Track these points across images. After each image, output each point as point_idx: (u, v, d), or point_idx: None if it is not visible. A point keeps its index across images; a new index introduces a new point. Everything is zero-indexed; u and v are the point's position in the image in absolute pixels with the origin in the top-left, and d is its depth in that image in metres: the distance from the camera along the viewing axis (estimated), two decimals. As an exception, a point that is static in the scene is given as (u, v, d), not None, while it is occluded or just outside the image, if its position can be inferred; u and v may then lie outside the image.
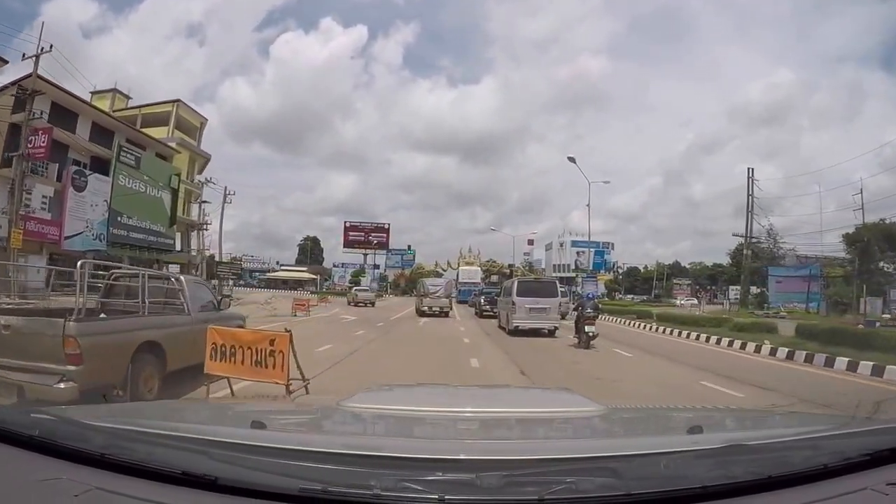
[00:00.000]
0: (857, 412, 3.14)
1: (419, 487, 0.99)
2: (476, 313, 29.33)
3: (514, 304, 17.35)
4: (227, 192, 40.55)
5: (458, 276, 56.48)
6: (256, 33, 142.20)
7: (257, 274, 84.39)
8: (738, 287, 51.04)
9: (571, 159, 31.36)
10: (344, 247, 79.11)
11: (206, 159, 44.93)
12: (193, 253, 43.43)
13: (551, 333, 17.30)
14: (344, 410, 1.82)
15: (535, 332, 17.11)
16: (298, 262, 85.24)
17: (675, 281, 77.16)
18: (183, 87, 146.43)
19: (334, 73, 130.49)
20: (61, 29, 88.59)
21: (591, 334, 13.93)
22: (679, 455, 1.14)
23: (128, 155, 33.65)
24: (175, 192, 37.91)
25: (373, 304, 39.57)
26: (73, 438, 1.21)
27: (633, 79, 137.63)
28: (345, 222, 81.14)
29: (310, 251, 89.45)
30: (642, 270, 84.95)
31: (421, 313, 28.43)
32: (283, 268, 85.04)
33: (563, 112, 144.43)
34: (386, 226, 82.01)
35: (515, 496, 1.00)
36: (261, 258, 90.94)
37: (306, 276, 78.62)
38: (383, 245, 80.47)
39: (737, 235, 47.59)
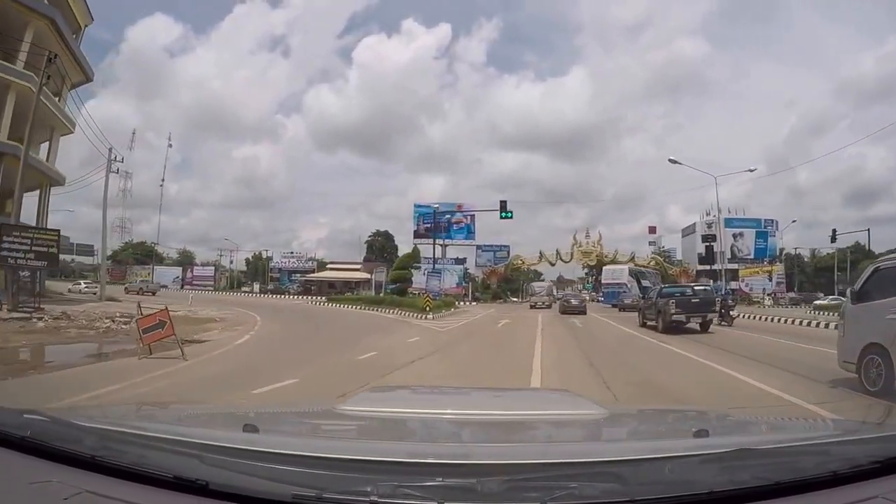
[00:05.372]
0: (868, 418, 2.68)
1: (418, 493, 0.96)
2: (654, 325, 17.30)
3: None
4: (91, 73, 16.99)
5: (602, 274, 53.64)
6: (339, 40, 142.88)
7: (298, 275, 65.14)
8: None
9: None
10: (415, 237, 59.20)
11: (79, 29, 21.46)
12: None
13: None
14: (340, 413, 1.80)
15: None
16: (366, 262, 66.90)
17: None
18: (268, 99, 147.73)
19: (418, 75, 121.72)
20: (146, 50, 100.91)
21: (734, 316, 19.72)
22: (684, 459, 1.11)
23: None
24: None
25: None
26: (64, 440, 1.18)
27: (731, 61, 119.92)
28: (414, 205, 62.58)
29: (380, 249, 70.20)
30: (808, 258, 67.61)
31: (532, 306, 35.44)
32: (330, 266, 63.38)
33: (658, 101, 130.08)
34: (467, 208, 59.23)
35: (517, 502, 0.97)
36: (301, 253, 70.37)
37: (359, 275, 59.82)
38: (463, 227, 59.73)
39: None
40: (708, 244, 42.57)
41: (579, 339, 14.60)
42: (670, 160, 35.05)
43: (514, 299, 63.70)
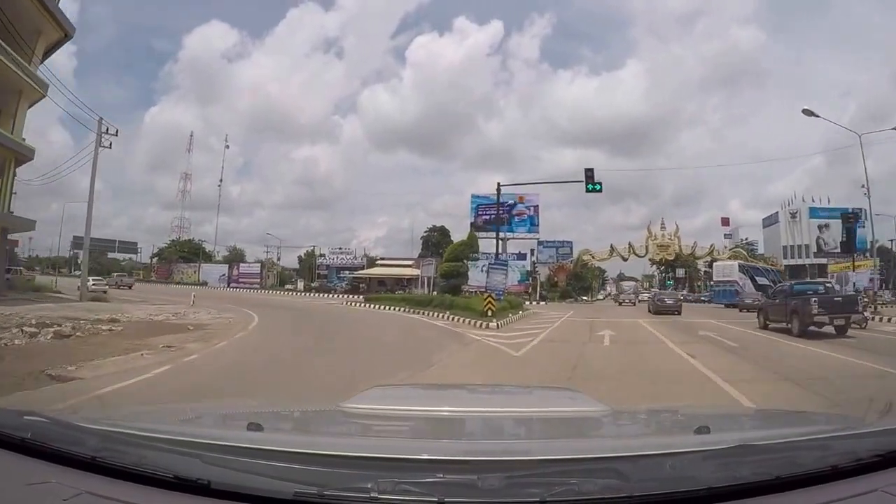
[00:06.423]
0: (869, 412, 2.38)
1: (418, 490, 0.96)
2: (782, 327, 15.41)
3: None
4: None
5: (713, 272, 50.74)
6: (392, 40, 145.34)
7: (347, 272, 60.26)
8: None
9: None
10: (473, 231, 51.86)
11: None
12: None
13: None
14: (343, 411, 1.76)
15: None
16: (421, 258, 61.42)
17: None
18: (325, 101, 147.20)
19: (472, 72, 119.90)
20: (204, 57, 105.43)
21: (866, 317, 16.39)
22: (685, 455, 1.11)
23: None
24: None
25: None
26: (64, 441, 1.16)
27: (786, 49, 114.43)
28: (472, 195, 56.85)
29: (436, 244, 64.58)
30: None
31: (620, 303, 40.65)
32: (380, 262, 59.22)
33: (715, 93, 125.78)
34: (531, 199, 53.62)
35: (517, 498, 0.97)
36: (350, 249, 65.76)
37: (410, 272, 54.30)
38: (525, 219, 53.63)
39: None
40: (849, 226, 33.03)
41: (781, 373, 7.70)
42: (804, 111, 26.62)
43: (585, 298, 57.12)
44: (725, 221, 66.04)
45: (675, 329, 16.32)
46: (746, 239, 67.22)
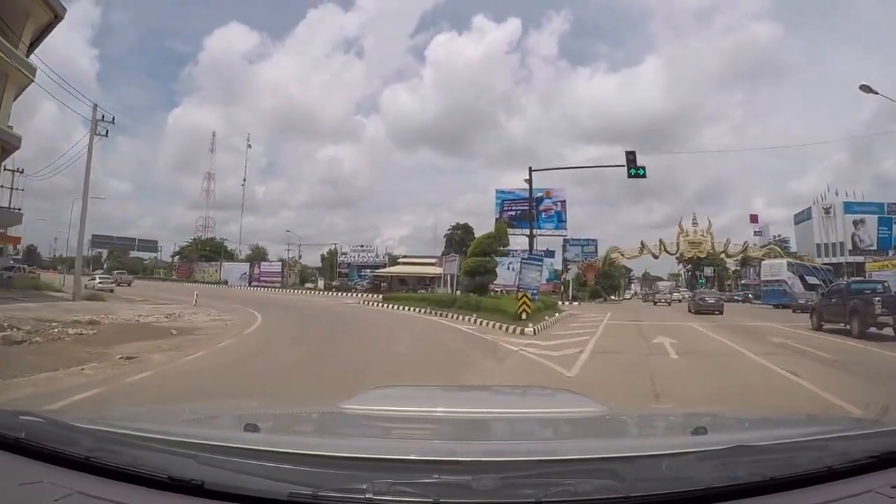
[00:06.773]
0: (866, 414, 2.68)
1: (413, 490, 0.96)
2: (839, 328, 14.98)
3: None
4: None
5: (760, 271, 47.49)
6: (411, 39, 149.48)
7: (368, 271, 58.89)
8: None
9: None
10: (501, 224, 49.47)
11: None
12: None
13: None
14: (342, 412, 1.74)
15: None
16: (444, 255, 58.30)
17: None
18: (347, 101, 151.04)
19: (492, 70, 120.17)
20: (225, 59, 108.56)
21: None
22: (682, 456, 1.11)
23: None
24: None
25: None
26: (58, 441, 1.16)
27: (803, 44, 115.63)
28: (496, 191, 55.07)
29: (459, 242, 61.80)
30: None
31: (654, 303, 41.77)
32: (402, 260, 57.87)
33: (735, 89, 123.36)
34: (558, 194, 51.82)
35: (513, 499, 0.97)
36: (371, 247, 64.39)
37: (433, 270, 52.23)
38: (552, 215, 51.48)
39: None
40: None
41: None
42: (862, 87, 23.66)
43: (614, 297, 54.85)
44: (754, 218, 63.07)
45: (739, 335, 13.89)
46: (779, 236, 63.86)
